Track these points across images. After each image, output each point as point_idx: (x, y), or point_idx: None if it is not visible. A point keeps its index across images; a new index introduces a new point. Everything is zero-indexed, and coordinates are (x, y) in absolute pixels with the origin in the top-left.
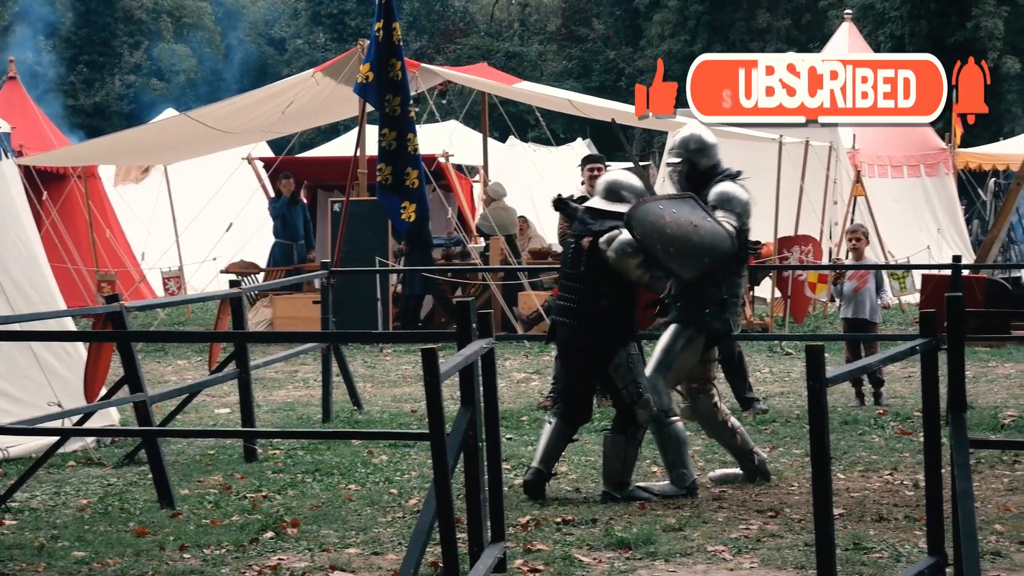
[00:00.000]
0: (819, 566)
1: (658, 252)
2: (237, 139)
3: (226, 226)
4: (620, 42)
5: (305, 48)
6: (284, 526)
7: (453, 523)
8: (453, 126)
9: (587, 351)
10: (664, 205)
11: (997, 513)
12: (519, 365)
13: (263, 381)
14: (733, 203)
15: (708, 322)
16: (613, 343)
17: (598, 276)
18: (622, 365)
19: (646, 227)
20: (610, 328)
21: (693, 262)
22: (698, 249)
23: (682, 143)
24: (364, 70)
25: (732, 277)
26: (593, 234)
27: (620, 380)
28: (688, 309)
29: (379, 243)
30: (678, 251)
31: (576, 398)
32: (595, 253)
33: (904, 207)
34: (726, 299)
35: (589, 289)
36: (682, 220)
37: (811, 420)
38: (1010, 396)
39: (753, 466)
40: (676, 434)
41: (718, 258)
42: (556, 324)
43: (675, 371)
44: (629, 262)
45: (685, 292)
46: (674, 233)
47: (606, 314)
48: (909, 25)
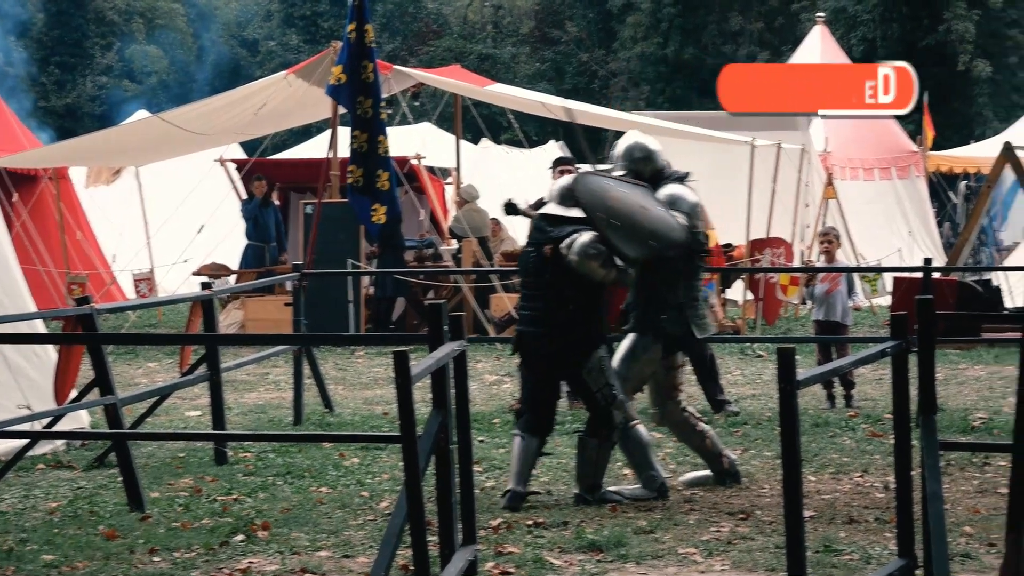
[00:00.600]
0: (790, 568)
1: (601, 222)
2: (209, 141)
3: (198, 228)
4: (593, 44)
5: (278, 50)
6: (255, 529)
7: (424, 526)
8: (426, 128)
9: (555, 357)
10: (614, 182)
11: (967, 515)
12: (491, 367)
13: (234, 383)
14: (680, 203)
15: (665, 327)
16: (583, 347)
17: (563, 282)
18: (595, 368)
19: (592, 193)
20: (578, 332)
21: (638, 242)
22: (644, 230)
23: (626, 153)
24: (336, 72)
25: (688, 280)
26: (553, 240)
27: (594, 383)
28: (644, 315)
29: (351, 245)
30: (623, 226)
31: (542, 406)
32: (558, 259)
33: (875, 210)
34: (683, 303)
35: (555, 296)
36: (631, 200)
37: (782, 422)
38: (980, 398)
39: (722, 468)
40: (638, 438)
41: (666, 245)
42: (522, 334)
43: (632, 379)
44: (592, 264)
45: (642, 298)
46: (620, 208)
47: (573, 319)
48: (881, 28)
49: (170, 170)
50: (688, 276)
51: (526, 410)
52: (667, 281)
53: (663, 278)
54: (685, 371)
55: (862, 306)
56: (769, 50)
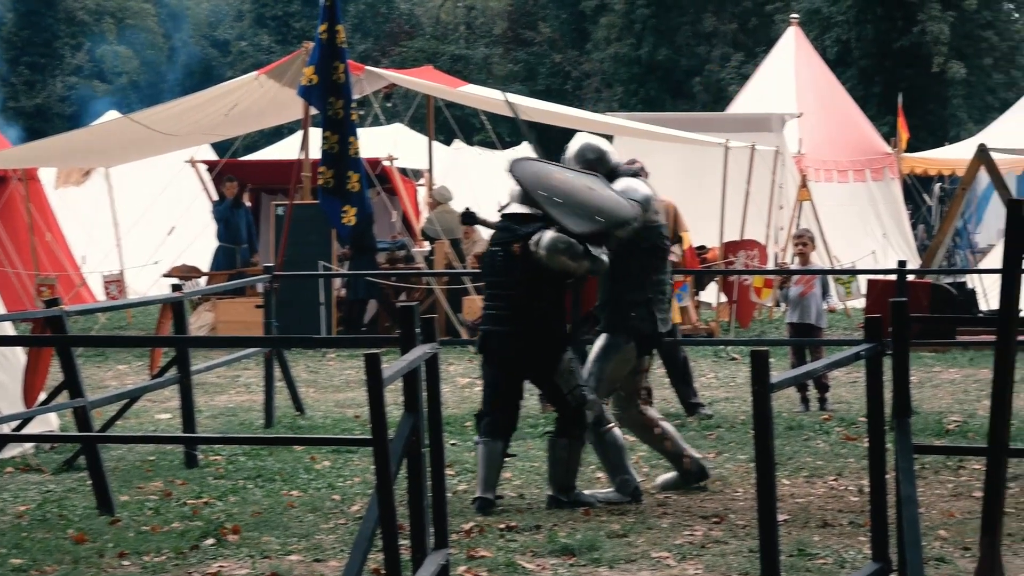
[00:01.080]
0: (763, 572)
1: (543, 200)
2: (180, 141)
3: (168, 229)
4: (566, 45)
5: (249, 50)
6: (225, 533)
7: (396, 529)
8: (398, 129)
9: (522, 357)
10: (557, 167)
11: (941, 519)
12: (463, 370)
13: (205, 386)
14: (632, 194)
15: (636, 326)
16: (552, 347)
17: (531, 280)
18: (565, 370)
19: (532, 174)
20: (546, 332)
21: (584, 218)
22: (591, 207)
23: (579, 155)
24: (308, 73)
25: (655, 275)
26: (521, 238)
27: (565, 385)
28: (614, 315)
29: (323, 247)
30: (566, 203)
31: (506, 407)
32: (527, 257)
33: (850, 212)
34: (651, 298)
35: (525, 294)
36: (577, 182)
37: (756, 425)
38: (955, 401)
39: (684, 468)
40: (614, 440)
41: (614, 222)
42: (488, 334)
43: (606, 381)
44: (561, 258)
45: (610, 298)
46: (562, 187)
47: (541, 318)
48: (855, 30)
49: (140, 171)
50: (652, 271)
51: (487, 412)
52: (633, 279)
53: (629, 276)
54: (652, 374)
55: (836, 308)
56: (743, 52)
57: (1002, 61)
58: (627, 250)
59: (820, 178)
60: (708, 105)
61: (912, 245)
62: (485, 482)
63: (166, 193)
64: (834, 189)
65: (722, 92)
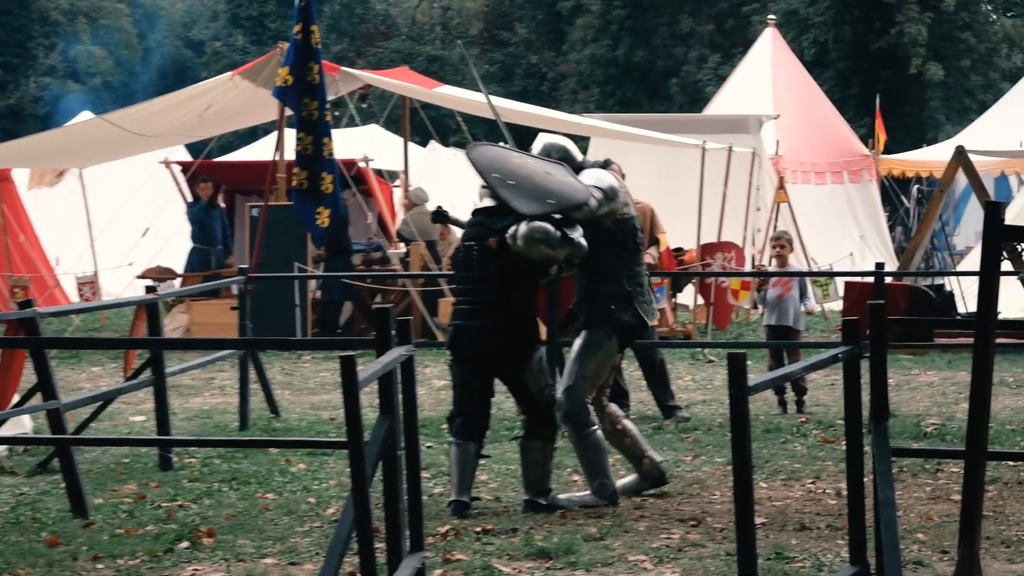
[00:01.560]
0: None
1: (495, 181)
2: (154, 142)
3: (142, 231)
4: (542, 46)
5: (224, 50)
6: (200, 536)
7: (371, 533)
8: (373, 130)
9: (494, 354)
10: (518, 153)
11: (919, 522)
12: (439, 372)
13: (179, 388)
14: (594, 182)
15: (617, 317)
16: (523, 345)
17: (507, 274)
18: (535, 368)
19: (489, 158)
20: (519, 328)
21: (534, 200)
22: (543, 190)
23: (544, 152)
24: (283, 73)
25: (629, 268)
26: (497, 232)
27: (534, 384)
28: (592, 310)
29: (298, 248)
30: (519, 184)
31: (477, 406)
32: (504, 250)
33: (827, 213)
34: (630, 291)
35: (501, 288)
36: (536, 167)
37: (733, 428)
38: (933, 404)
39: (643, 470)
40: (597, 443)
41: (567, 204)
42: (461, 330)
43: (591, 378)
44: (540, 247)
45: (587, 294)
46: (519, 170)
47: (519, 311)
48: (833, 31)
49: (114, 172)
50: (627, 264)
51: (459, 413)
52: (608, 273)
53: (604, 270)
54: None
55: (814, 311)
56: (720, 53)
57: (980, 63)
58: (600, 244)
59: (797, 180)
60: (685, 106)
61: (890, 247)
62: (459, 485)
63: (140, 194)
64: (811, 191)
65: (699, 93)
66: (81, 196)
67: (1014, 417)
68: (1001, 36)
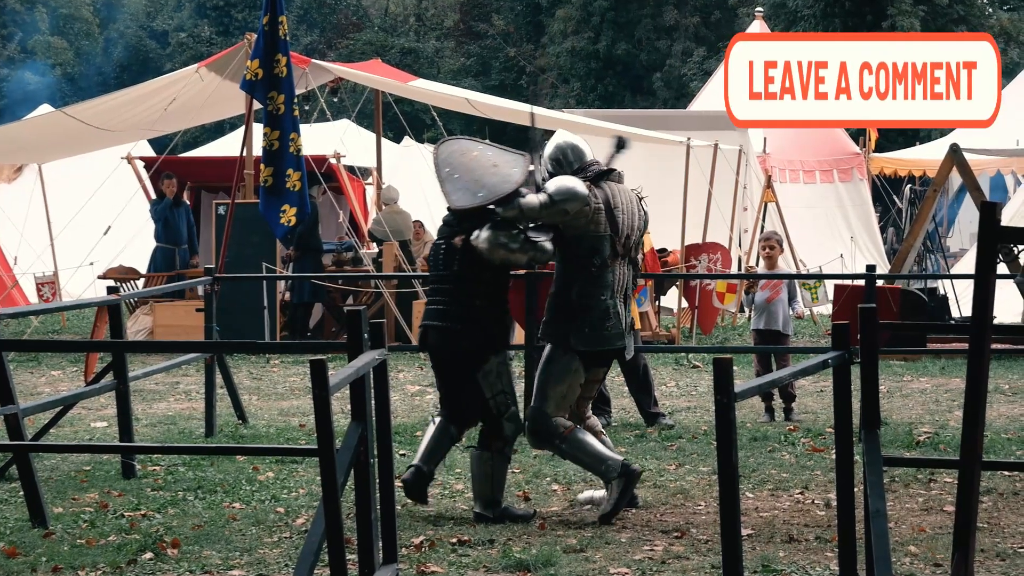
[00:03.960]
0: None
1: (444, 175)
2: (116, 137)
3: (104, 229)
4: (521, 39)
5: (189, 42)
6: (164, 547)
7: (343, 544)
8: (345, 125)
9: (462, 354)
10: (482, 145)
11: (911, 534)
12: (413, 377)
13: (143, 393)
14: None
15: (564, 336)
16: (484, 348)
17: (471, 274)
18: (492, 372)
19: (448, 152)
20: (479, 331)
21: (468, 192)
22: (478, 182)
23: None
24: (253, 66)
25: (584, 287)
26: (462, 232)
27: (488, 389)
28: (549, 326)
29: (266, 248)
30: (460, 177)
31: (458, 401)
32: (468, 251)
33: (816, 214)
34: (579, 311)
35: (463, 289)
36: (485, 161)
37: (719, 436)
38: (925, 412)
39: (601, 470)
40: (578, 442)
41: (493, 199)
42: (426, 329)
43: (555, 399)
44: (500, 251)
45: (548, 306)
46: (470, 163)
47: (481, 315)
48: (822, 24)
49: (75, 168)
50: (583, 282)
51: (443, 408)
52: (562, 288)
53: (564, 287)
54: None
55: (803, 314)
56: (705, 46)
57: None
58: (562, 256)
59: (786, 179)
60: (669, 102)
61: (881, 249)
62: (423, 455)
63: (102, 191)
64: (800, 190)
65: (684, 88)
66: (40, 193)
67: (1009, 425)
68: (997, 30)
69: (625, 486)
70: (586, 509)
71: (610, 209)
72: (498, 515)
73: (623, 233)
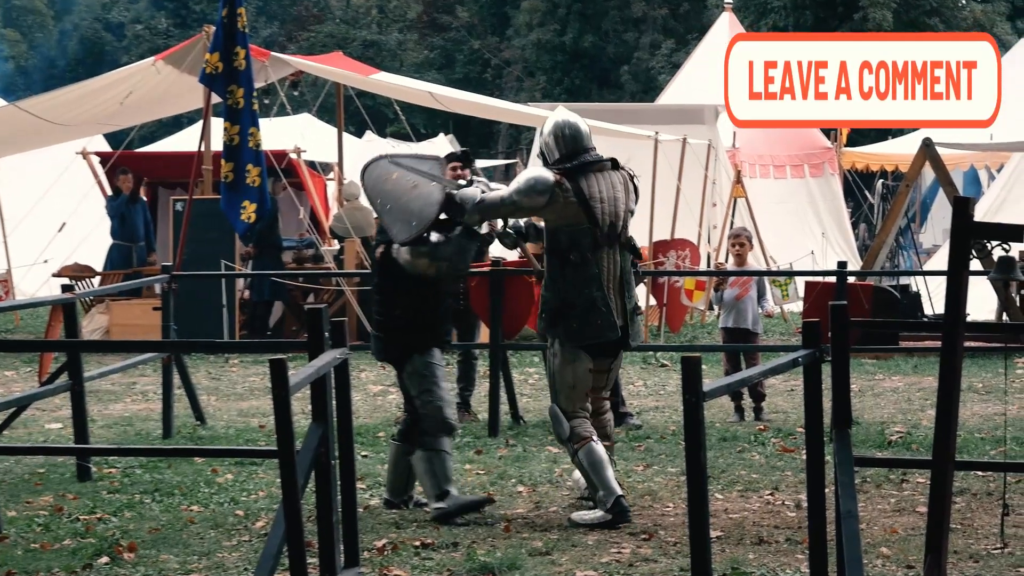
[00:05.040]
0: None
1: (378, 207)
2: (71, 132)
3: (59, 226)
4: (485, 31)
5: (145, 34)
6: (120, 551)
7: (303, 547)
8: (306, 119)
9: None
10: (397, 164)
11: (883, 535)
12: (375, 377)
13: (98, 394)
14: (517, 178)
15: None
16: (405, 349)
17: (390, 285)
18: (415, 373)
19: (372, 180)
20: (405, 336)
21: (405, 224)
22: (406, 210)
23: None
24: (213, 60)
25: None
26: (387, 243)
27: (413, 388)
28: (540, 318)
29: (225, 245)
30: (393, 208)
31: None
32: (387, 261)
33: (787, 209)
34: (562, 303)
35: (383, 300)
36: (404, 183)
37: (687, 436)
38: (898, 411)
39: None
40: (580, 461)
41: (424, 224)
42: (371, 337)
43: (563, 390)
44: (421, 262)
45: (542, 300)
46: (390, 191)
47: (400, 323)
48: (793, 16)
49: (29, 163)
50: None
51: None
52: (549, 280)
53: (552, 280)
54: None
55: (773, 312)
56: (674, 39)
57: None
58: (548, 249)
59: (756, 173)
60: (637, 95)
61: (853, 245)
62: (390, 487)
63: (56, 187)
64: (770, 185)
65: (652, 81)
66: None
67: (983, 425)
68: (971, 22)
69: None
70: (568, 485)
71: (584, 200)
72: (452, 505)
73: (604, 223)
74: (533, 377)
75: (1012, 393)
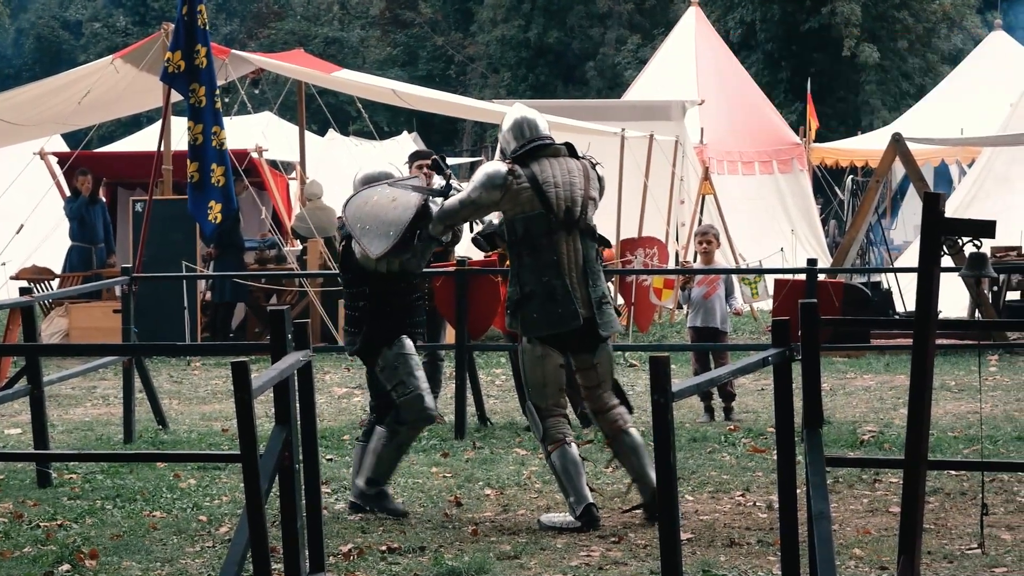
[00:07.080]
0: None
1: (356, 231)
2: (28, 132)
3: (16, 228)
4: (449, 27)
5: (104, 32)
6: (81, 558)
7: (267, 553)
8: (267, 118)
9: (363, 358)
10: (375, 191)
11: (856, 536)
12: (340, 379)
13: (58, 398)
14: (475, 175)
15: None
16: (376, 343)
17: (356, 279)
18: (387, 367)
19: (350, 211)
20: (371, 329)
21: (381, 237)
22: (384, 222)
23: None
24: (175, 59)
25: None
26: (349, 237)
27: (388, 382)
28: (505, 314)
29: (186, 246)
30: (371, 227)
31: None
32: (348, 257)
33: (755, 206)
34: (523, 296)
35: (351, 294)
36: (383, 199)
37: (656, 437)
38: (869, 410)
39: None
40: (553, 464)
41: (401, 230)
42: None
43: (532, 387)
44: (376, 266)
45: (507, 294)
46: (369, 211)
47: (366, 316)
48: (760, 10)
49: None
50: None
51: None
52: (512, 275)
53: (513, 274)
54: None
55: (742, 311)
56: (640, 34)
57: (917, 44)
58: (509, 243)
59: (724, 170)
60: (602, 91)
61: (823, 242)
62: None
63: (13, 188)
64: (739, 182)
65: (618, 78)
66: None
67: (956, 423)
68: (940, 15)
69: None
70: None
71: (537, 185)
72: (373, 495)
73: (559, 208)
74: (500, 378)
75: (986, 391)
